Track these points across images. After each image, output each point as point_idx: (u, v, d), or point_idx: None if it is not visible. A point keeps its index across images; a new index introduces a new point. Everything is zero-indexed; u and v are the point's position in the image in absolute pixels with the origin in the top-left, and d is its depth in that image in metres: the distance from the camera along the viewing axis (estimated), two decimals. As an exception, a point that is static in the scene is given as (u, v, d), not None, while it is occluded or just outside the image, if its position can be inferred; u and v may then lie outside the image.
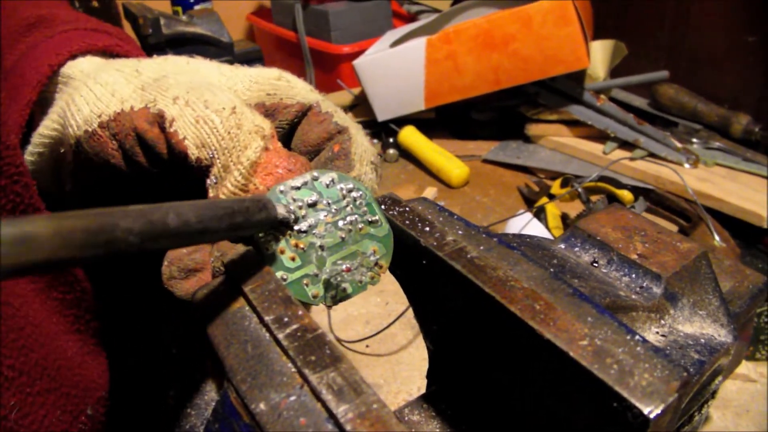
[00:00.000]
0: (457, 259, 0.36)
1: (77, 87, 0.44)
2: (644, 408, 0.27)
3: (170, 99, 0.41)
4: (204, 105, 0.41)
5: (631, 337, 0.30)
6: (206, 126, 0.40)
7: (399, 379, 0.84)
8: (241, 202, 0.32)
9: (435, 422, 0.43)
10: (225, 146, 0.40)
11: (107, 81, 0.44)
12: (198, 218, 0.27)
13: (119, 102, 0.42)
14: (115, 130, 0.41)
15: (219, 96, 0.42)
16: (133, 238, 0.23)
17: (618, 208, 0.50)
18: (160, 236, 0.25)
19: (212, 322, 0.34)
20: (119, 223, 0.23)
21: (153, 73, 0.45)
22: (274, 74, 0.46)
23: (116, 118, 0.41)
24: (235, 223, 0.31)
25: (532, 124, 1.46)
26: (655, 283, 0.42)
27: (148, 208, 0.25)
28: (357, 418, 0.26)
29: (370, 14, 1.82)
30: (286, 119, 0.46)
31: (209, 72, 0.46)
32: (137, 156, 0.42)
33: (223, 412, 0.31)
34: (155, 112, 0.41)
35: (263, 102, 0.45)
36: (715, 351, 0.42)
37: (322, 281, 0.38)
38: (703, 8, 1.47)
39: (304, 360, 0.29)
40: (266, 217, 0.34)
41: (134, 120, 0.41)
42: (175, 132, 0.40)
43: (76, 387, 0.45)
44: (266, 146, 0.40)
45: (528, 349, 0.32)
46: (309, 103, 0.46)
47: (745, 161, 1.24)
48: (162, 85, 0.43)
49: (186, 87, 0.42)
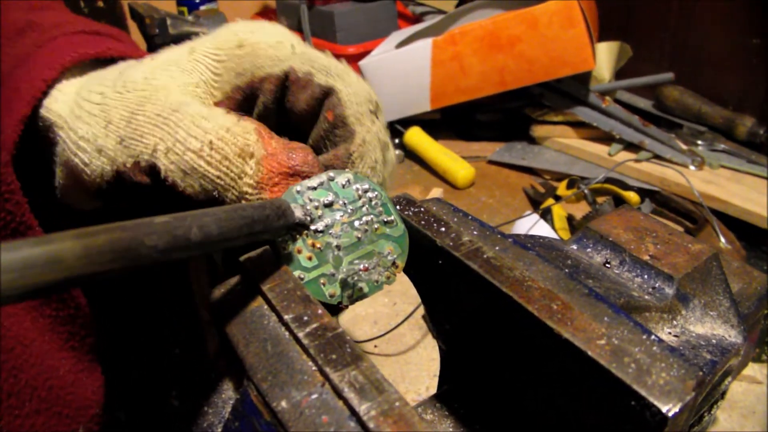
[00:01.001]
0: (474, 259, 0.36)
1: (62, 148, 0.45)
2: (663, 406, 0.27)
3: (150, 150, 0.41)
4: (184, 148, 0.40)
5: (647, 336, 0.30)
6: (196, 173, 0.40)
7: (407, 379, 0.84)
8: (262, 209, 0.32)
9: (448, 421, 0.43)
10: (222, 184, 0.40)
11: (86, 136, 0.44)
12: (219, 230, 0.28)
13: (109, 161, 0.43)
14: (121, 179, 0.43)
15: (193, 130, 0.41)
16: (157, 254, 0.24)
17: (628, 209, 0.50)
18: (182, 249, 0.25)
19: (230, 321, 0.34)
20: (145, 240, 0.23)
21: (121, 111, 0.44)
22: (233, 42, 0.45)
23: (117, 175, 0.43)
24: (255, 232, 0.31)
25: (538, 126, 1.46)
26: (668, 284, 0.43)
27: (173, 221, 0.25)
28: (380, 416, 0.26)
29: (376, 15, 1.81)
30: (268, 98, 0.45)
31: (169, 84, 0.44)
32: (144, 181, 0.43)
33: (243, 410, 0.31)
34: (145, 166, 0.41)
35: (237, 85, 0.44)
36: (726, 351, 0.43)
37: (338, 281, 0.38)
38: (708, 10, 1.47)
39: (324, 358, 0.29)
40: (285, 223, 0.35)
41: (134, 177, 0.42)
42: (173, 183, 0.40)
43: (68, 406, 0.45)
44: (259, 158, 0.40)
45: (544, 348, 0.32)
46: (283, 71, 0.45)
47: (749, 163, 1.24)
48: (137, 133, 0.42)
49: (160, 129, 0.42)
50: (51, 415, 0.44)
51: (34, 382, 0.42)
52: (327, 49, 0.46)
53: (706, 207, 1.10)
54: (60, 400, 0.45)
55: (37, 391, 0.43)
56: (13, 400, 0.39)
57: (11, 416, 0.39)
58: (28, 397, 0.41)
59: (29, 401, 0.41)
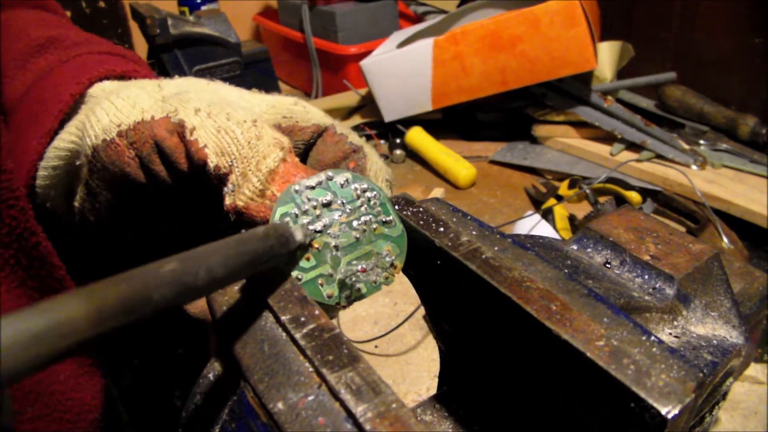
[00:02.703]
0: (472, 260, 0.36)
1: (98, 102, 0.45)
2: (662, 408, 0.27)
3: (191, 110, 0.41)
4: (226, 117, 0.41)
5: (647, 337, 0.30)
6: (227, 136, 0.40)
7: (408, 380, 0.84)
8: (266, 240, 0.32)
9: (447, 422, 0.43)
10: (245, 155, 0.40)
11: (128, 95, 0.44)
12: (225, 270, 0.27)
13: (140, 112, 0.42)
14: (133, 138, 0.41)
15: (239, 111, 0.42)
16: (165, 304, 0.23)
17: (629, 209, 0.50)
18: (189, 294, 0.25)
19: (228, 322, 0.34)
20: (153, 295, 0.23)
21: (174, 88, 0.45)
22: (290, 100, 0.47)
23: (136, 127, 0.41)
24: (258, 264, 0.31)
25: (539, 126, 1.46)
26: (668, 285, 0.42)
27: (181, 267, 0.25)
28: (376, 418, 0.26)
29: (377, 15, 1.82)
30: (301, 139, 0.46)
31: (229, 93, 0.47)
32: (154, 164, 0.42)
33: (240, 411, 0.31)
34: (176, 121, 0.41)
35: (279, 124, 0.46)
36: (728, 352, 0.42)
37: (336, 281, 0.38)
38: (710, 10, 1.47)
39: (321, 359, 0.29)
40: (288, 250, 0.34)
41: (154, 128, 0.41)
42: (195, 140, 0.40)
43: (69, 411, 0.45)
44: (284, 158, 0.40)
45: (543, 349, 0.32)
46: (324, 125, 0.47)
47: (752, 163, 1.24)
48: (183, 98, 0.43)
49: (207, 101, 0.42)
50: (53, 420, 0.44)
51: (38, 387, 0.42)
52: (328, 49, 0.49)
53: (708, 207, 1.10)
54: (61, 405, 0.45)
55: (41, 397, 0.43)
56: (17, 405, 0.39)
57: (15, 422, 0.39)
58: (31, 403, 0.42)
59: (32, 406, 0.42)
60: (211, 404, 0.35)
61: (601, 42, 1.45)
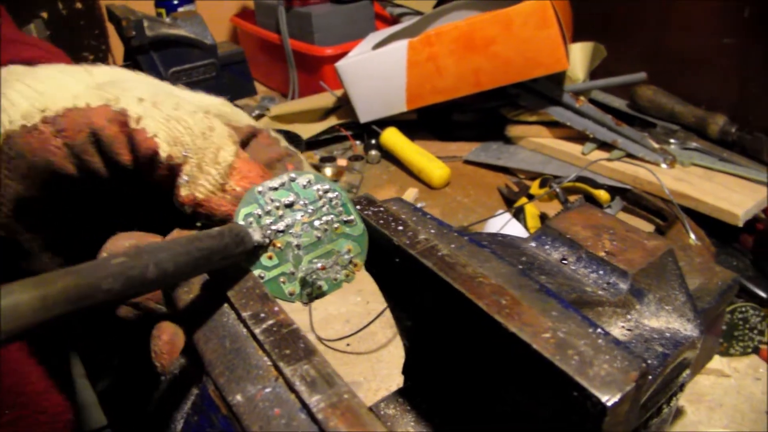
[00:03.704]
0: (429, 257, 0.37)
1: (9, 83, 0.39)
2: (602, 396, 0.27)
3: (134, 98, 0.39)
4: (173, 107, 0.39)
5: (593, 330, 0.31)
6: (179, 125, 0.38)
7: (379, 377, 0.85)
8: (221, 238, 0.33)
9: (410, 416, 0.44)
10: (199, 145, 0.38)
11: (50, 76, 0.39)
12: (176, 266, 0.28)
13: (70, 98, 0.38)
14: (63, 125, 0.37)
15: (190, 98, 0.40)
16: (113, 296, 0.24)
17: (589, 207, 0.51)
18: (138, 287, 0.26)
19: (192, 318, 0.35)
20: (101, 284, 0.24)
21: (107, 75, 0.42)
22: (219, 101, 0.44)
23: (66, 114, 0.37)
24: (213, 262, 0.32)
25: (513, 126, 1.48)
26: (622, 280, 0.44)
27: (128, 260, 0.25)
28: (328, 408, 0.27)
29: (353, 16, 1.82)
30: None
31: (165, 84, 0.43)
32: (89, 155, 0.39)
33: (202, 404, 0.32)
34: (117, 110, 0.38)
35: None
36: (680, 344, 0.44)
37: (298, 279, 0.39)
38: (682, 11, 1.49)
39: (279, 354, 0.30)
40: (243, 249, 0.35)
41: (91, 116, 0.38)
42: (142, 129, 0.38)
43: (44, 412, 0.46)
44: (236, 152, 0.39)
45: (494, 343, 0.33)
46: (257, 129, 0.45)
47: (721, 161, 1.26)
48: (122, 86, 0.40)
49: (149, 91, 0.40)
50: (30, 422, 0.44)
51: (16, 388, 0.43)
52: (304, 50, 0.47)
53: (676, 204, 1.11)
54: (37, 406, 0.45)
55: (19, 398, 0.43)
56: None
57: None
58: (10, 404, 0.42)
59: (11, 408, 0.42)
60: (175, 398, 0.36)
61: (574, 43, 1.47)
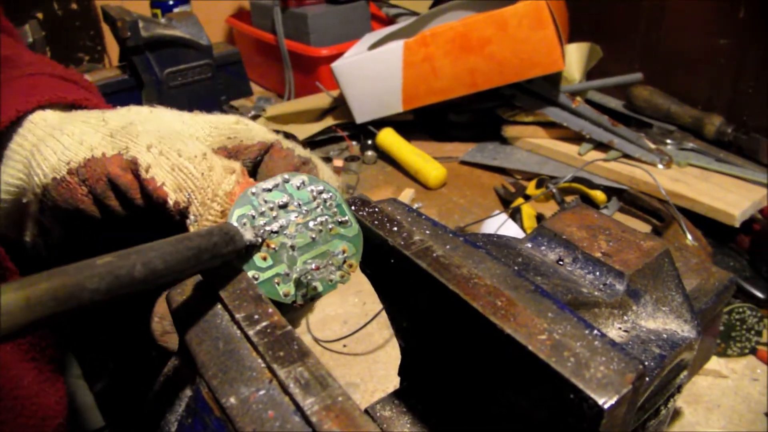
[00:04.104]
0: (423, 258, 0.37)
1: (42, 138, 0.45)
2: (599, 399, 0.27)
3: (143, 146, 0.42)
4: (177, 153, 0.42)
5: (589, 331, 0.31)
6: (182, 173, 0.41)
7: (376, 378, 0.85)
8: (210, 236, 0.33)
9: (406, 417, 0.44)
10: (200, 186, 0.41)
11: (73, 131, 0.44)
12: (165, 264, 0.28)
13: (88, 149, 0.43)
14: (85, 175, 0.42)
15: (189, 145, 0.43)
16: (100, 296, 0.24)
17: (584, 207, 0.51)
18: (126, 287, 0.26)
19: (186, 320, 0.35)
20: (86, 284, 0.24)
21: (120, 121, 0.46)
22: (232, 119, 0.48)
23: (86, 164, 0.42)
24: (203, 261, 0.32)
25: (509, 126, 1.47)
26: (618, 281, 0.44)
27: (116, 260, 0.25)
28: (322, 411, 0.27)
29: (349, 17, 1.82)
30: (248, 158, 0.47)
31: (172, 120, 0.47)
32: (109, 200, 0.43)
33: (196, 407, 0.32)
34: (128, 158, 0.42)
35: (225, 146, 0.46)
36: (677, 345, 0.44)
37: (293, 280, 0.38)
38: (677, 12, 1.49)
39: (273, 355, 0.30)
40: (234, 248, 0.35)
41: (107, 165, 0.42)
42: (152, 179, 0.41)
43: (33, 416, 0.46)
44: (238, 180, 0.42)
45: (490, 344, 0.33)
46: (270, 142, 0.48)
47: (717, 162, 1.26)
48: (131, 132, 0.43)
49: (156, 136, 0.43)
50: (18, 425, 0.44)
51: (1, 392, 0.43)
52: (300, 51, 0.49)
53: (672, 205, 1.11)
54: (26, 410, 0.45)
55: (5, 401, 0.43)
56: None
57: None
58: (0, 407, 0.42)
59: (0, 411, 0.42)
60: (170, 400, 0.36)
61: (570, 43, 1.47)
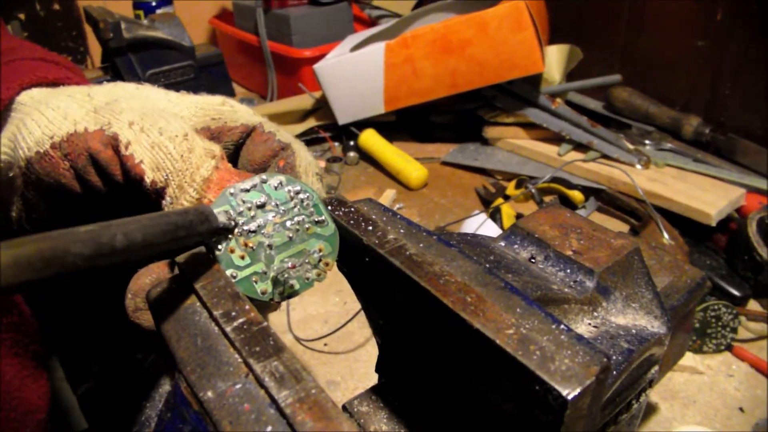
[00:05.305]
0: (397, 256, 0.38)
1: (28, 112, 0.45)
2: (562, 390, 0.28)
3: (125, 123, 0.42)
4: (158, 132, 0.42)
5: (556, 326, 0.32)
6: (161, 152, 0.41)
7: (356, 376, 0.86)
8: (185, 215, 0.33)
9: (383, 413, 0.45)
10: (179, 168, 0.41)
11: (59, 105, 0.44)
12: (144, 236, 0.29)
13: (71, 124, 0.43)
14: (67, 150, 0.42)
15: (172, 123, 0.43)
16: (83, 262, 0.25)
17: (557, 207, 0.52)
18: (108, 255, 0.27)
19: (165, 317, 0.36)
20: (71, 248, 0.24)
21: (105, 97, 0.46)
22: (218, 100, 0.48)
23: (68, 138, 0.42)
24: (179, 237, 0.32)
25: (490, 127, 1.49)
26: (588, 278, 0.45)
27: (98, 229, 0.26)
28: (296, 403, 0.28)
29: (331, 19, 1.83)
30: (231, 140, 0.48)
31: (158, 98, 0.47)
32: (89, 176, 0.43)
33: (175, 401, 0.32)
34: (110, 134, 0.42)
35: (208, 126, 0.47)
36: (646, 341, 0.45)
37: (270, 278, 0.39)
38: (657, 14, 1.51)
39: (249, 351, 0.31)
40: (208, 228, 0.36)
41: (88, 141, 0.42)
42: (131, 155, 0.41)
43: (15, 410, 0.46)
44: (217, 165, 0.42)
45: (461, 339, 0.33)
46: (252, 125, 0.48)
47: (695, 162, 1.27)
48: (115, 109, 0.43)
49: (139, 113, 0.43)
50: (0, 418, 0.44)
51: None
52: (282, 52, 0.49)
53: (649, 204, 1.13)
54: (7, 405, 0.45)
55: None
56: None
57: None
58: None
59: None
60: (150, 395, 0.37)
61: (550, 45, 1.48)
